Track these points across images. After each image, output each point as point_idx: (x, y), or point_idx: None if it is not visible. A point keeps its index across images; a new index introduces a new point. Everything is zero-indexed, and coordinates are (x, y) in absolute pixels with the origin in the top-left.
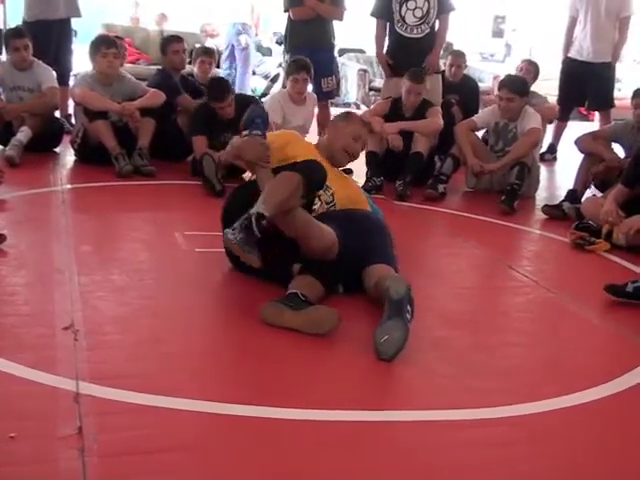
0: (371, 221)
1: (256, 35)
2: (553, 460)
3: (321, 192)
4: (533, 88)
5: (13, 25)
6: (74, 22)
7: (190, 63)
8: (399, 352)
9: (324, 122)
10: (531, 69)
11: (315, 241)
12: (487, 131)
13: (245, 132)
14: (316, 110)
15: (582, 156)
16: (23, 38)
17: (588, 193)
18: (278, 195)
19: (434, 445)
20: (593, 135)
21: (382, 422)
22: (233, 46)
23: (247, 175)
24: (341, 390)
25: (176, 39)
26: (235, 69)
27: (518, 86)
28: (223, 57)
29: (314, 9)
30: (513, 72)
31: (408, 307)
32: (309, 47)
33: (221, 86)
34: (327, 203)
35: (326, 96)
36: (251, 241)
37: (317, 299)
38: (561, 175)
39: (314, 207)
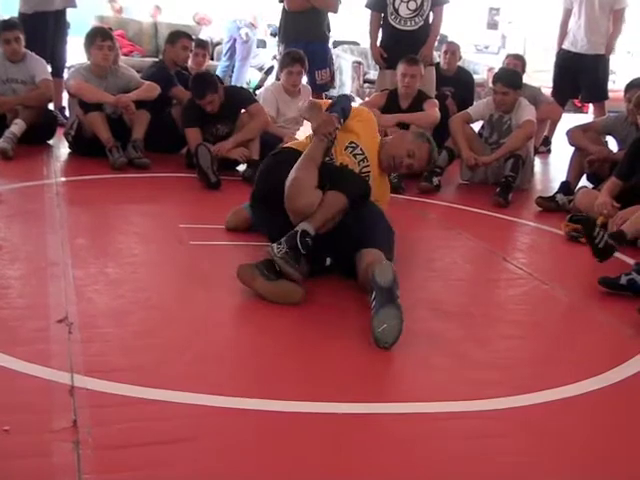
0: (376, 211)
1: (256, 29)
2: (542, 455)
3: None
4: (525, 79)
5: (7, 17)
6: (67, 14)
7: None
8: (398, 338)
9: None
10: (518, 63)
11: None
12: (483, 125)
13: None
14: None
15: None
16: (14, 30)
17: (581, 185)
18: (324, 215)
19: (425, 437)
20: (584, 128)
21: (374, 414)
22: (235, 40)
23: (241, 167)
24: (334, 382)
25: (188, 36)
26: (235, 60)
27: (512, 80)
28: (224, 50)
29: (309, 0)
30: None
31: (397, 292)
32: (304, 39)
33: (201, 84)
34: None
35: (320, 89)
36: (296, 257)
37: (296, 274)
38: (555, 167)
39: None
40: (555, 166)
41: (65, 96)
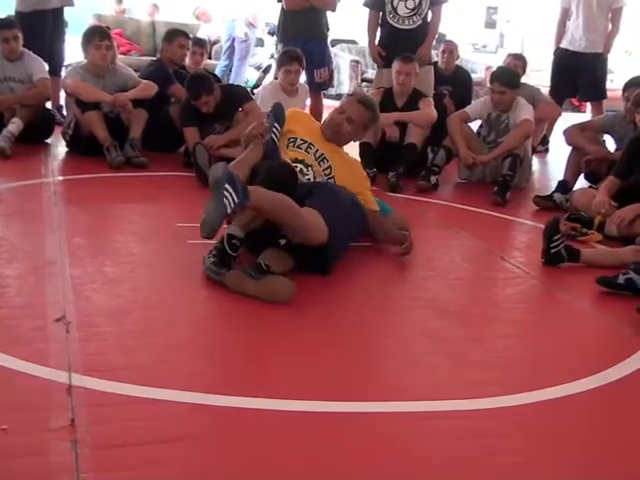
0: (324, 191)
1: (255, 28)
2: (540, 455)
3: (313, 163)
4: (523, 79)
5: (4, 16)
6: (65, 12)
7: None
8: (215, 229)
9: (317, 113)
10: (519, 63)
11: (306, 233)
12: (481, 124)
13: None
14: (309, 101)
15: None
16: (12, 29)
17: (579, 184)
18: (245, 212)
19: (423, 436)
20: (582, 126)
21: (371, 413)
22: (234, 39)
23: None
24: (332, 381)
25: (185, 34)
26: (234, 60)
27: (510, 79)
28: (223, 49)
29: None
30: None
31: (227, 186)
32: (302, 38)
33: (197, 85)
34: (324, 171)
35: (319, 87)
36: (225, 261)
37: (283, 272)
38: (553, 166)
39: (307, 178)
40: (553, 165)
41: (63, 95)
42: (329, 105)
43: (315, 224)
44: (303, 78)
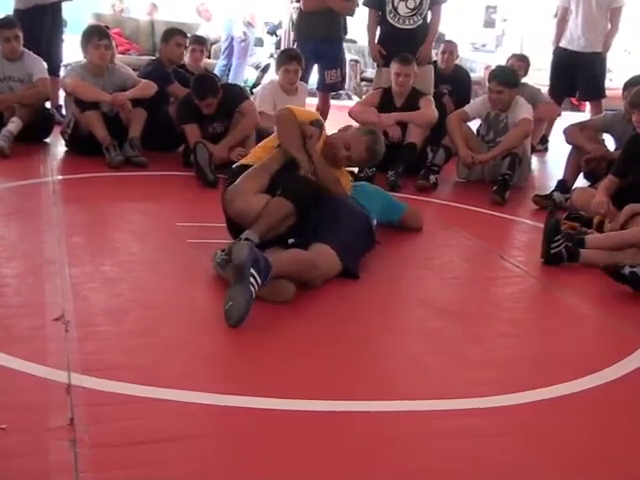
0: (343, 206)
1: (253, 28)
2: (539, 454)
3: None
4: (525, 79)
5: (2, 14)
6: (64, 12)
7: None
8: (243, 317)
9: (323, 114)
10: (522, 64)
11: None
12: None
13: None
14: (314, 100)
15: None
16: (13, 28)
17: (578, 183)
18: (267, 222)
19: (421, 436)
20: (581, 126)
21: (369, 412)
22: (232, 38)
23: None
24: (330, 381)
25: (182, 33)
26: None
27: (507, 78)
28: (222, 49)
29: (325, 1)
30: (504, 63)
31: (252, 270)
32: (316, 38)
33: (203, 85)
34: None
35: (329, 88)
36: None
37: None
38: (552, 165)
39: None
40: (552, 164)
41: (62, 94)
42: (332, 104)
43: (329, 267)
44: (315, 77)
